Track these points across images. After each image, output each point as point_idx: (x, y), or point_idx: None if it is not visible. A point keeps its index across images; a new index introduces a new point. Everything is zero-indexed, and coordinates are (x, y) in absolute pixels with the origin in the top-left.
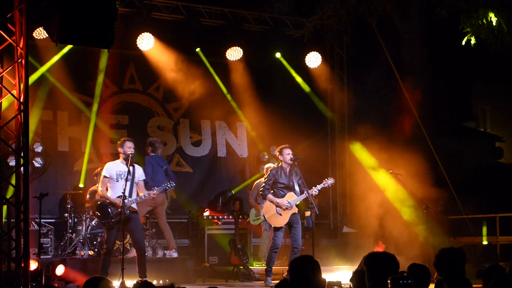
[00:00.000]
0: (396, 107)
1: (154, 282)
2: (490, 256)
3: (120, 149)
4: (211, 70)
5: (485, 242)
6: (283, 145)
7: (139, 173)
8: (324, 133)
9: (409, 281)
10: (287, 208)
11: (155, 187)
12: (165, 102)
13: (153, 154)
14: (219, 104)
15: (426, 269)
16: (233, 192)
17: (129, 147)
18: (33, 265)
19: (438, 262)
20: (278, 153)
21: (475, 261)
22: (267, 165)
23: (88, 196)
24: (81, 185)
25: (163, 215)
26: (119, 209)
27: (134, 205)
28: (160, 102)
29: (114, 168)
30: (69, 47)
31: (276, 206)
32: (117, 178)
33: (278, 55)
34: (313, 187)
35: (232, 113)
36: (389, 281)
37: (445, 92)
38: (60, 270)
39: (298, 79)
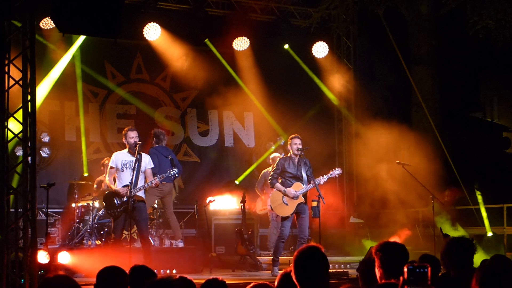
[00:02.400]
0: (403, 98)
1: (161, 272)
2: (495, 246)
3: (124, 140)
4: (223, 60)
5: (490, 234)
6: (293, 135)
7: (146, 161)
8: (331, 123)
9: (425, 270)
10: (293, 198)
11: (158, 175)
12: (172, 92)
13: (157, 145)
14: (226, 94)
15: (436, 260)
16: (237, 182)
17: (131, 137)
18: (45, 259)
19: (447, 250)
20: (288, 143)
21: (481, 252)
22: (272, 155)
23: (95, 186)
24: (85, 174)
25: (170, 205)
26: (125, 199)
27: (141, 194)
28: (168, 92)
29: (120, 157)
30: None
31: (283, 195)
32: (123, 168)
33: (286, 46)
34: (320, 177)
35: (239, 103)
36: (405, 270)
37: (452, 83)
38: (64, 257)
39: (307, 70)
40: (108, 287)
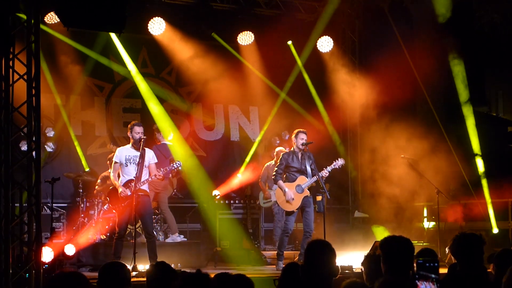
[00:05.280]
0: (408, 92)
1: None
2: (501, 242)
3: (129, 134)
4: (233, 51)
5: (495, 230)
6: (300, 129)
7: (150, 156)
8: (336, 117)
9: (436, 264)
10: (288, 201)
11: (161, 168)
12: (178, 86)
13: (162, 142)
14: (231, 88)
15: (435, 254)
16: (239, 174)
17: (137, 132)
18: (50, 255)
19: (455, 245)
20: (293, 136)
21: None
22: (277, 149)
23: (99, 181)
24: (87, 169)
25: (165, 200)
26: (129, 193)
27: (145, 188)
28: (173, 86)
29: (124, 153)
30: None
31: (284, 194)
32: (126, 163)
33: (289, 42)
34: (324, 169)
35: (244, 97)
36: (415, 264)
37: (458, 77)
38: (70, 249)
39: (306, 76)
40: (110, 282)
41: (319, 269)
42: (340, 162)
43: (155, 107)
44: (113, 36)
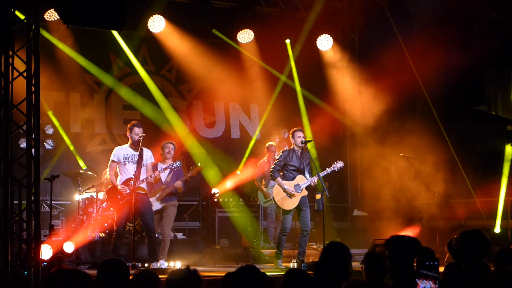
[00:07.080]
0: (407, 90)
1: (165, 264)
2: (501, 240)
3: (128, 134)
4: (236, 45)
5: (497, 230)
6: (295, 128)
7: (148, 155)
8: (335, 116)
9: (436, 263)
10: (292, 195)
11: (162, 167)
12: (178, 84)
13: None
14: (232, 86)
15: (432, 253)
16: (238, 171)
17: (136, 134)
18: (48, 252)
19: (461, 243)
20: (290, 136)
21: None
22: (267, 144)
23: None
24: (84, 168)
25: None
26: (128, 191)
27: (143, 186)
28: (173, 83)
29: (122, 152)
30: None
31: (284, 191)
32: (125, 162)
33: (287, 41)
34: (323, 171)
35: (245, 95)
36: (415, 263)
37: (457, 75)
38: (68, 247)
39: (294, 71)
40: (109, 280)
41: (333, 271)
42: (339, 164)
43: (160, 103)
44: (114, 33)
